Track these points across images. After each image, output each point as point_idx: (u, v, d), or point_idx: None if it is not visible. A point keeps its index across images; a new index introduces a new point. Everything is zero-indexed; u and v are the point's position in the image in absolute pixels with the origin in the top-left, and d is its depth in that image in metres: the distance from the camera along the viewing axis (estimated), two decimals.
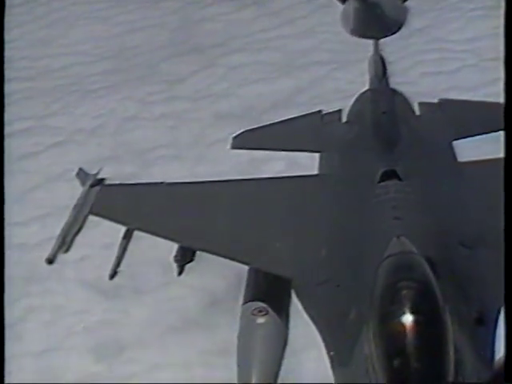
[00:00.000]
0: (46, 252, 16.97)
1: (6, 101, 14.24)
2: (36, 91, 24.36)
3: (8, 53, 14.22)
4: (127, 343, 14.68)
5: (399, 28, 15.07)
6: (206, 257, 15.25)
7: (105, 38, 27.80)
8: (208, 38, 27.16)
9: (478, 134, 12.87)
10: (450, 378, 7.07)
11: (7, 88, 14.23)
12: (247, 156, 19.86)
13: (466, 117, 13.09)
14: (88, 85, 24.56)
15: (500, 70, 21.79)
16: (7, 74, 14.13)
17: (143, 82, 24.41)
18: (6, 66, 14.10)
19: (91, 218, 17.80)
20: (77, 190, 19.08)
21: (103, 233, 17.46)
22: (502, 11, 24.26)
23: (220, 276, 15.03)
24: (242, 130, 14.85)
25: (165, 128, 21.70)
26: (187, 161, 19.90)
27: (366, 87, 15.24)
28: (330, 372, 8.52)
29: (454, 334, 7.32)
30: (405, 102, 13.84)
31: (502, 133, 9.86)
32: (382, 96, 13.40)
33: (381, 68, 14.21)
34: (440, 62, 22.65)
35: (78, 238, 17.38)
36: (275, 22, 27.66)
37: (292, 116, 20.93)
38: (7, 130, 18.57)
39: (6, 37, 14.43)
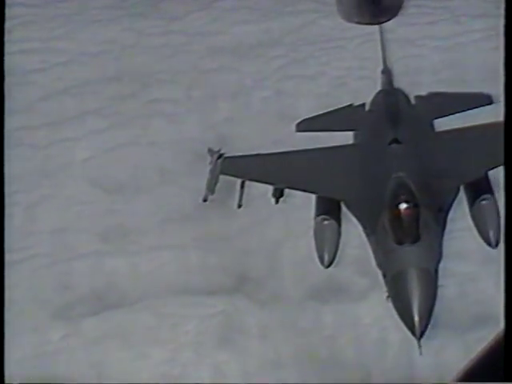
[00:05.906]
0: (55, 151, 18.96)
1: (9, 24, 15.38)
2: (40, 17, 25.47)
3: None
4: (130, 229, 16.64)
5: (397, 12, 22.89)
6: (199, 168, 17.67)
7: None
8: None
9: (449, 115, 18.59)
10: (421, 226, 13.96)
11: (9, 12, 14.79)
12: (236, 82, 22.01)
13: (443, 103, 19.10)
14: (90, 16, 25.87)
15: (469, 24, 24.32)
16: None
17: (143, 17, 25.85)
18: None
19: (89, 127, 19.99)
20: (82, 103, 21.07)
21: (104, 140, 19.51)
22: None
23: None
24: (302, 119, 19.88)
25: (162, 56, 23.26)
26: (182, 85, 21.70)
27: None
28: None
29: (425, 213, 14.18)
30: (405, 96, 19.63)
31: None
32: (391, 94, 19.53)
33: (389, 76, 20.31)
34: (416, 16, 24.43)
35: (83, 142, 19.32)
36: None
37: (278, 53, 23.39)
38: (13, 48, 20.34)
39: None
